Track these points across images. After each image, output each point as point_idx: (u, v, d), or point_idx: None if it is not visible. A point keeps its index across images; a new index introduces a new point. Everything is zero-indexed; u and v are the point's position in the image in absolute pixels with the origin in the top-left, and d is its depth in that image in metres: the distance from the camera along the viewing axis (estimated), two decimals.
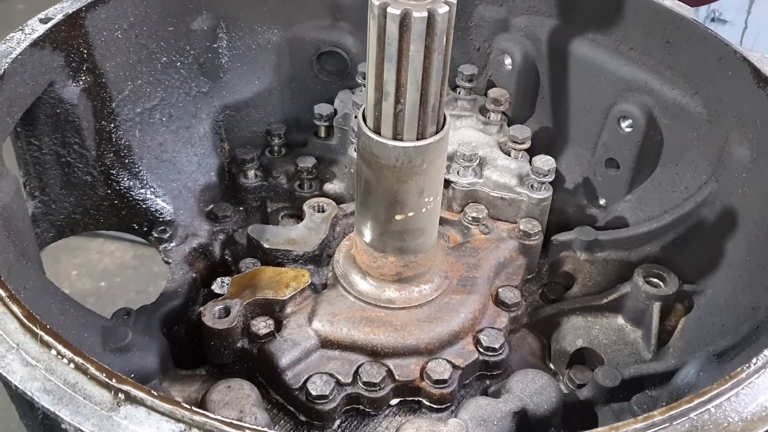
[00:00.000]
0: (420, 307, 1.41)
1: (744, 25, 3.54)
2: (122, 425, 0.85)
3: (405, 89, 1.16)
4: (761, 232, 1.36)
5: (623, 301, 1.54)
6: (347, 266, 1.45)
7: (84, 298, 3.91)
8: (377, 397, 1.32)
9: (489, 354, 1.39)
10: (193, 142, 1.74)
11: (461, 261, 1.52)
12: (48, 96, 1.42)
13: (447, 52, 1.16)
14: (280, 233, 1.58)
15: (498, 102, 1.74)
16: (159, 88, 1.67)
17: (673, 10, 1.52)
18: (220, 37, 1.73)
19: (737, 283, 1.40)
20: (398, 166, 1.23)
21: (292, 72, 1.87)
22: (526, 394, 1.28)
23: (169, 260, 1.59)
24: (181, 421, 0.85)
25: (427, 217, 1.34)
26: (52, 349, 0.91)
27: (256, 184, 1.80)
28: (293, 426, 1.33)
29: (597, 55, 1.66)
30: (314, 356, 1.36)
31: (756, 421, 0.90)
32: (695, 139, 1.54)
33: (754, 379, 0.94)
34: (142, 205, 1.62)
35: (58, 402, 0.87)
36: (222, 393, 1.23)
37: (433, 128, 1.23)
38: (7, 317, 0.95)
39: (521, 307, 1.52)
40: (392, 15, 1.09)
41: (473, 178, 1.64)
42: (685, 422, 0.89)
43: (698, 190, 1.53)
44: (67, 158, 1.52)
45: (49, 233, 1.60)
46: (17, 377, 0.89)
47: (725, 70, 1.44)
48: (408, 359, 1.35)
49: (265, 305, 1.41)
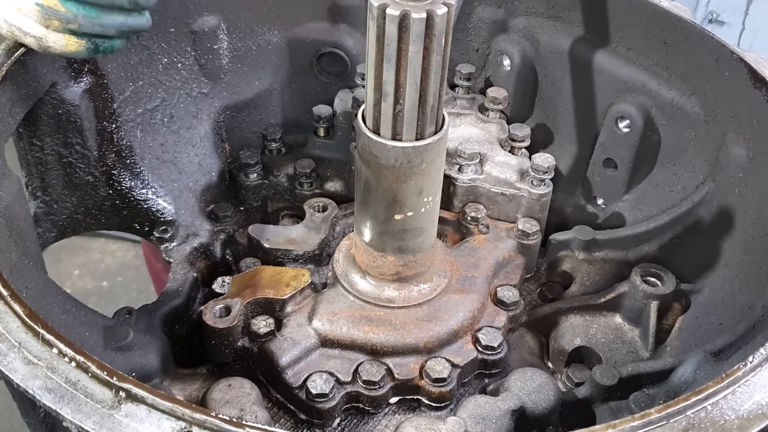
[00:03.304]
0: (419, 306, 1.41)
1: (741, 27, 3.54)
2: (123, 423, 0.86)
3: (404, 90, 1.17)
4: (758, 232, 1.37)
5: (621, 300, 1.55)
6: (347, 266, 1.46)
7: (86, 297, 3.93)
8: (377, 395, 1.33)
9: (488, 353, 1.40)
10: (194, 142, 1.75)
11: (460, 260, 1.53)
12: (50, 97, 1.43)
13: (446, 53, 1.17)
14: (280, 233, 1.59)
15: (497, 100, 1.75)
16: (160, 89, 1.67)
17: (670, 12, 1.53)
18: (221, 39, 1.73)
19: (734, 282, 1.41)
20: (397, 166, 1.24)
21: (292, 73, 1.88)
22: (525, 393, 1.29)
23: (170, 260, 1.60)
24: (182, 419, 0.86)
25: (426, 217, 1.34)
26: (54, 348, 0.92)
27: (257, 183, 1.80)
28: (293, 424, 1.33)
29: (595, 56, 1.67)
30: (314, 355, 1.36)
31: (752, 419, 0.91)
32: (692, 139, 1.55)
33: (751, 377, 0.95)
34: (144, 205, 1.63)
35: (59, 400, 0.88)
36: (222, 391, 1.24)
37: (432, 128, 1.24)
38: (8, 316, 0.96)
39: (520, 306, 1.53)
40: (391, 16, 1.10)
41: (473, 174, 1.65)
42: (681, 420, 0.90)
43: (695, 189, 1.54)
44: (69, 159, 1.53)
45: (51, 233, 1.61)
46: (19, 375, 0.90)
47: (722, 70, 1.45)
48: (407, 358, 1.36)
49: (265, 304, 1.42)
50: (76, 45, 1.23)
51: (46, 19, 1.19)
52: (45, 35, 1.21)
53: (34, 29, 1.20)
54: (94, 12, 1.21)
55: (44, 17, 1.19)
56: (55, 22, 1.19)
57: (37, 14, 1.19)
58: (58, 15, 1.19)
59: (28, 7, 1.19)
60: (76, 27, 1.21)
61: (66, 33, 1.21)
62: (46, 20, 1.19)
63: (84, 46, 1.24)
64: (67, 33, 1.21)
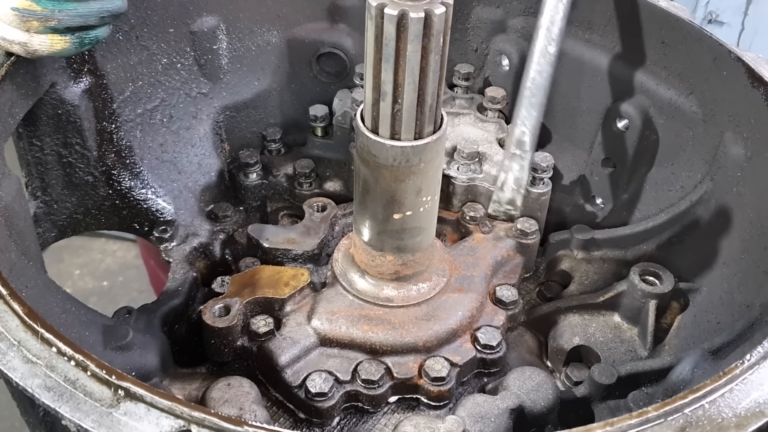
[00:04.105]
0: (418, 306, 1.42)
1: (741, 27, 3.54)
2: (122, 421, 0.86)
3: (402, 89, 1.17)
4: (756, 231, 1.37)
5: (619, 299, 1.55)
6: (346, 265, 1.46)
7: (86, 297, 3.93)
8: (376, 394, 1.33)
9: (486, 351, 1.40)
10: (194, 142, 1.76)
11: (459, 259, 1.54)
12: (50, 97, 1.44)
13: (444, 53, 1.17)
14: (279, 232, 1.59)
15: (495, 100, 1.76)
16: (160, 89, 1.68)
17: (668, 11, 1.54)
18: (220, 39, 1.74)
19: (732, 281, 1.42)
20: (396, 166, 1.24)
21: (291, 73, 1.88)
22: (523, 391, 1.29)
23: (169, 259, 1.60)
24: (181, 417, 0.86)
25: (425, 216, 1.35)
26: (53, 347, 0.92)
27: (256, 183, 1.81)
28: (292, 423, 1.34)
29: (593, 56, 1.67)
30: (313, 354, 1.37)
31: (749, 417, 0.91)
32: (690, 138, 1.55)
33: (748, 375, 0.95)
34: (143, 205, 1.64)
35: (58, 399, 0.88)
36: (222, 390, 1.24)
37: (430, 128, 1.24)
38: (8, 315, 0.97)
39: (518, 305, 1.53)
40: (389, 16, 1.10)
41: (473, 174, 1.66)
42: (679, 418, 0.90)
43: (694, 189, 1.54)
44: (69, 159, 1.53)
45: (51, 233, 1.61)
46: (18, 374, 0.91)
47: (720, 70, 1.45)
48: (406, 357, 1.36)
49: (264, 304, 1.42)
50: (62, 42, 1.23)
51: (25, 22, 1.18)
52: (28, 39, 1.20)
53: (17, 35, 1.20)
54: (69, 5, 1.20)
55: (22, 20, 1.18)
56: (35, 23, 1.19)
57: (15, 19, 1.18)
58: (36, 15, 1.18)
59: (5, 13, 1.18)
60: (55, 23, 1.20)
61: (48, 32, 1.21)
62: (25, 23, 1.18)
63: (70, 42, 1.24)
64: (49, 32, 1.21)
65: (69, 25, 1.22)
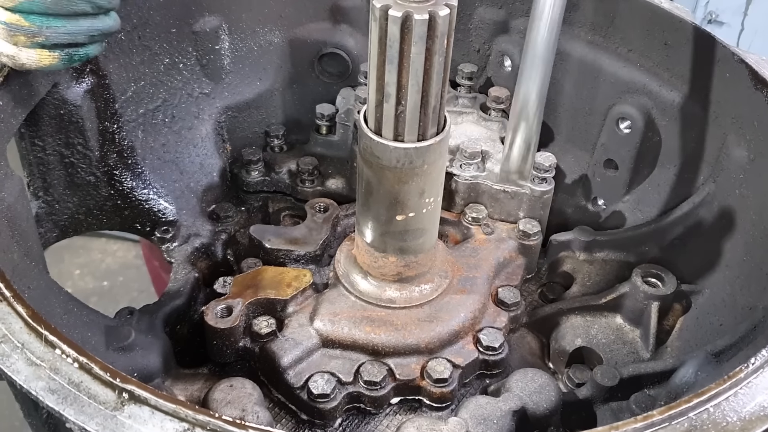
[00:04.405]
0: (420, 307, 1.42)
1: (740, 27, 3.55)
2: (126, 424, 0.86)
3: (406, 91, 1.17)
4: (758, 233, 1.37)
5: (622, 300, 1.55)
6: (348, 266, 1.46)
7: (87, 297, 3.93)
8: (378, 395, 1.33)
9: (489, 353, 1.40)
10: (196, 142, 1.75)
11: (461, 261, 1.53)
12: (52, 97, 1.43)
13: (448, 54, 1.17)
14: (281, 233, 1.59)
15: (499, 100, 1.75)
16: (162, 89, 1.68)
17: (671, 13, 1.53)
18: (222, 39, 1.74)
19: (735, 283, 1.41)
20: (399, 167, 1.24)
21: (293, 73, 1.88)
22: (526, 393, 1.29)
23: (171, 260, 1.60)
24: (185, 420, 0.86)
25: (428, 218, 1.35)
26: (57, 349, 0.92)
27: (259, 180, 1.81)
28: (295, 424, 1.34)
29: (596, 57, 1.67)
30: (316, 355, 1.37)
31: (754, 421, 0.91)
32: (693, 140, 1.55)
33: (753, 379, 0.95)
34: (145, 206, 1.63)
35: (62, 401, 0.88)
36: (224, 392, 1.24)
37: (433, 129, 1.24)
38: (11, 317, 0.96)
39: (521, 306, 1.53)
40: (393, 17, 1.10)
41: (476, 172, 1.65)
42: (684, 422, 0.90)
43: (696, 190, 1.54)
44: (71, 159, 1.53)
45: (52, 233, 1.61)
46: (22, 376, 0.90)
47: (723, 72, 1.45)
48: (408, 358, 1.36)
49: (266, 305, 1.42)
50: (50, 58, 1.21)
51: (13, 36, 1.17)
52: (16, 53, 1.19)
53: (5, 48, 1.18)
54: (58, 22, 1.18)
55: (10, 34, 1.17)
56: (22, 37, 1.17)
57: (3, 32, 1.16)
58: (23, 30, 1.16)
59: None
60: (43, 39, 1.18)
61: (36, 47, 1.19)
62: (13, 37, 1.17)
63: (58, 58, 1.22)
64: (37, 47, 1.19)
65: (57, 42, 1.20)
